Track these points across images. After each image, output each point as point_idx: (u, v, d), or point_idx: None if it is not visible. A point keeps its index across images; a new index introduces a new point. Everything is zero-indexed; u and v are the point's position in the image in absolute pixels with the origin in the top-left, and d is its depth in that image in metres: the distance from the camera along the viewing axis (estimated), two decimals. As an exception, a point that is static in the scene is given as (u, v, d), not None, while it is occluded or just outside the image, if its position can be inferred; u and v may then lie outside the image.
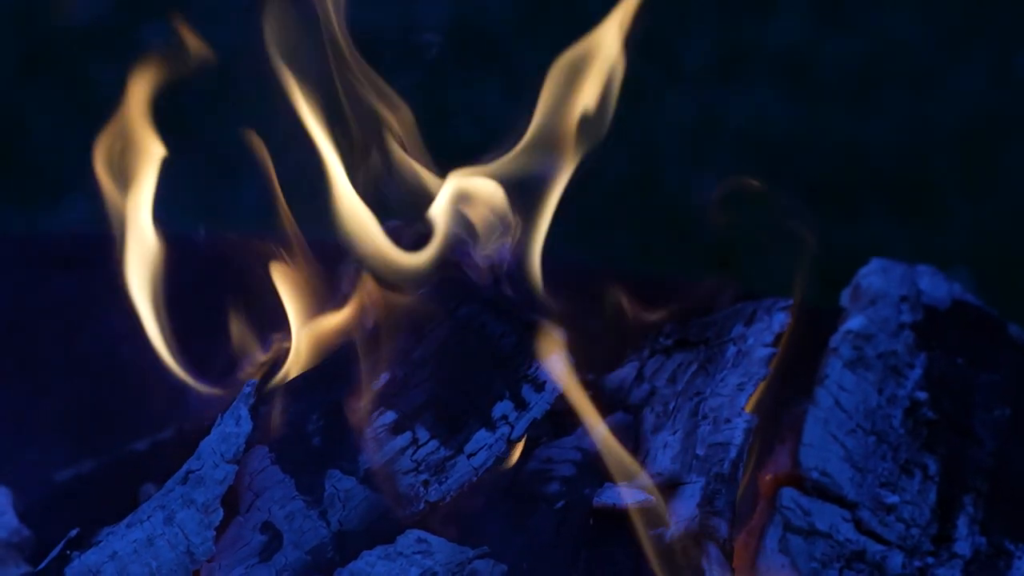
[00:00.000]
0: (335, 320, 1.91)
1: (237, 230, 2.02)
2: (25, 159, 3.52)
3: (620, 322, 1.96)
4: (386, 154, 1.91)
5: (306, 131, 1.90)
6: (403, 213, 1.93)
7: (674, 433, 1.83)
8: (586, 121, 1.90)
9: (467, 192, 1.89)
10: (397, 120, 1.92)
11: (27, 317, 2.28)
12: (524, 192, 1.92)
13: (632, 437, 1.86)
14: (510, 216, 1.89)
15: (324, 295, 1.96)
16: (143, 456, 2.05)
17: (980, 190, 3.45)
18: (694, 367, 1.90)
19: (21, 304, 2.30)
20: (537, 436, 1.82)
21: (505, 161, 1.92)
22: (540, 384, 1.75)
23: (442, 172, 1.93)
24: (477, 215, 1.89)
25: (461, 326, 1.78)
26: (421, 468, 1.72)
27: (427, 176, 1.91)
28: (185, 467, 1.71)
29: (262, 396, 1.79)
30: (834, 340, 1.92)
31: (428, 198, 1.90)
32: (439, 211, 1.88)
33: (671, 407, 1.87)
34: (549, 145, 1.91)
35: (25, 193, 3.44)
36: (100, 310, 2.18)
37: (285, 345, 1.97)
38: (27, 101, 3.59)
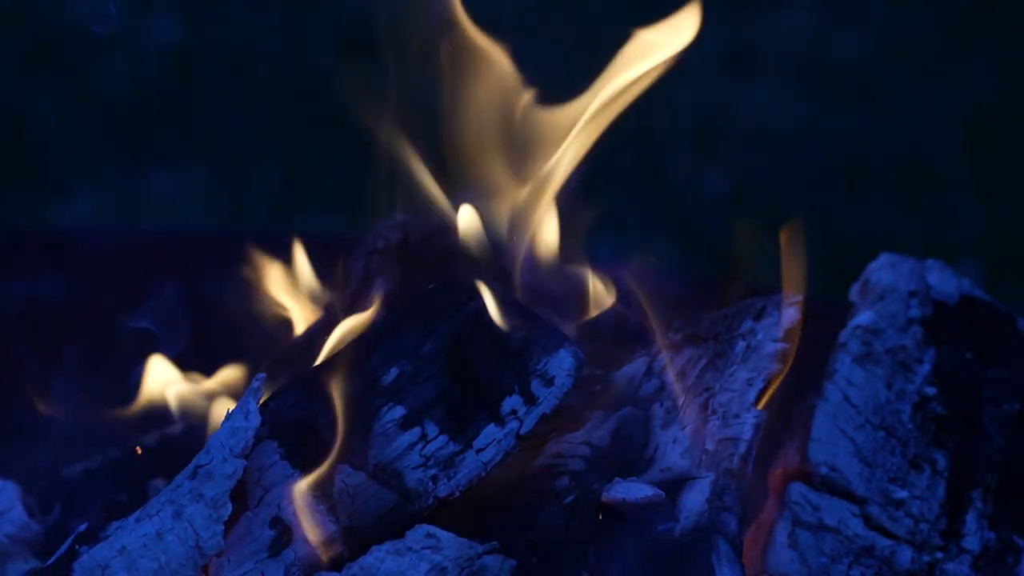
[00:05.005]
0: (345, 314, 1.91)
1: (246, 226, 2.02)
2: (31, 155, 3.53)
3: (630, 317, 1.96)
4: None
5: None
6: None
7: (683, 428, 1.83)
8: None
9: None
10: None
11: (33, 312, 2.28)
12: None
13: (642, 432, 1.86)
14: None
15: (332, 290, 1.96)
16: (152, 450, 2.05)
17: (989, 185, 3.45)
18: (703, 362, 1.90)
19: (28, 298, 2.30)
20: (546, 431, 1.82)
21: None
22: (549, 379, 1.75)
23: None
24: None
25: (470, 320, 1.78)
26: (430, 463, 1.72)
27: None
28: (194, 462, 1.71)
29: (271, 391, 1.79)
30: (843, 335, 1.92)
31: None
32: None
33: (680, 402, 1.87)
34: None
35: (31, 189, 3.44)
36: (106, 305, 2.18)
37: (294, 340, 1.97)
38: (32, 97, 3.60)
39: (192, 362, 2.01)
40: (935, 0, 3.75)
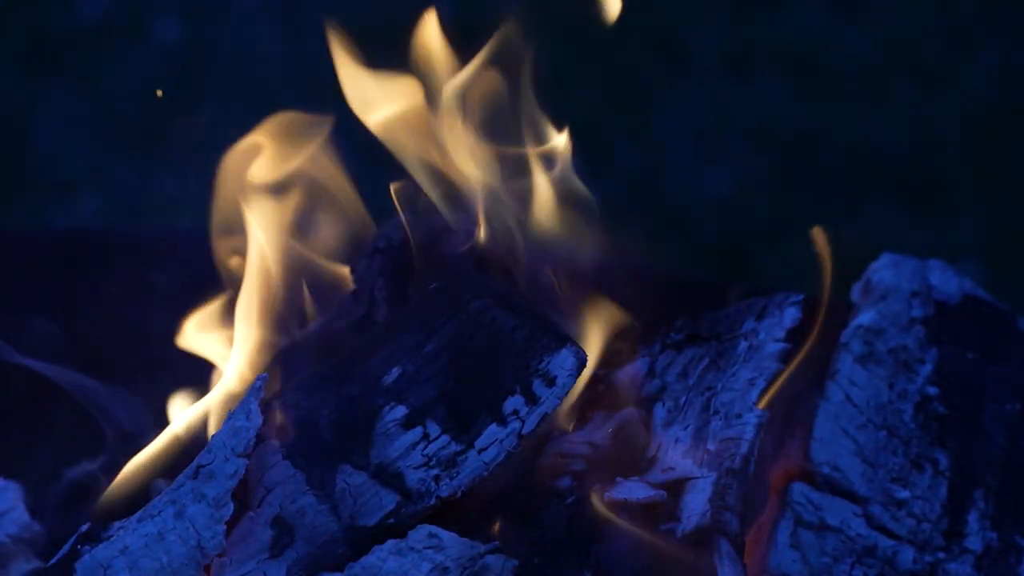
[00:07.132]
0: (344, 314, 1.91)
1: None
2: (32, 156, 3.53)
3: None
4: None
5: None
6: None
7: (685, 428, 1.83)
8: None
9: None
10: None
11: (33, 313, 2.28)
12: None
13: (644, 432, 1.86)
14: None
15: (336, 289, 1.96)
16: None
17: (991, 185, 3.45)
18: (705, 362, 1.90)
19: (28, 300, 2.30)
20: (548, 431, 1.82)
21: None
22: (551, 379, 1.75)
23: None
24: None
25: (472, 320, 1.78)
26: (432, 463, 1.72)
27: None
28: (196, 461, 1.71)
29: (273, 391, 1.79)
30: (845, 335, 1.92)
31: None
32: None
33: (682, 402, 1.87)
34: None
35: (32, 190, 3.44)
36: (106, 306, 2.18)
37: (293, 339, 1.97)
38: (33, 98, 3.60)
39: (192, 361, 2.00)
40: (937, -1, 3.75)
